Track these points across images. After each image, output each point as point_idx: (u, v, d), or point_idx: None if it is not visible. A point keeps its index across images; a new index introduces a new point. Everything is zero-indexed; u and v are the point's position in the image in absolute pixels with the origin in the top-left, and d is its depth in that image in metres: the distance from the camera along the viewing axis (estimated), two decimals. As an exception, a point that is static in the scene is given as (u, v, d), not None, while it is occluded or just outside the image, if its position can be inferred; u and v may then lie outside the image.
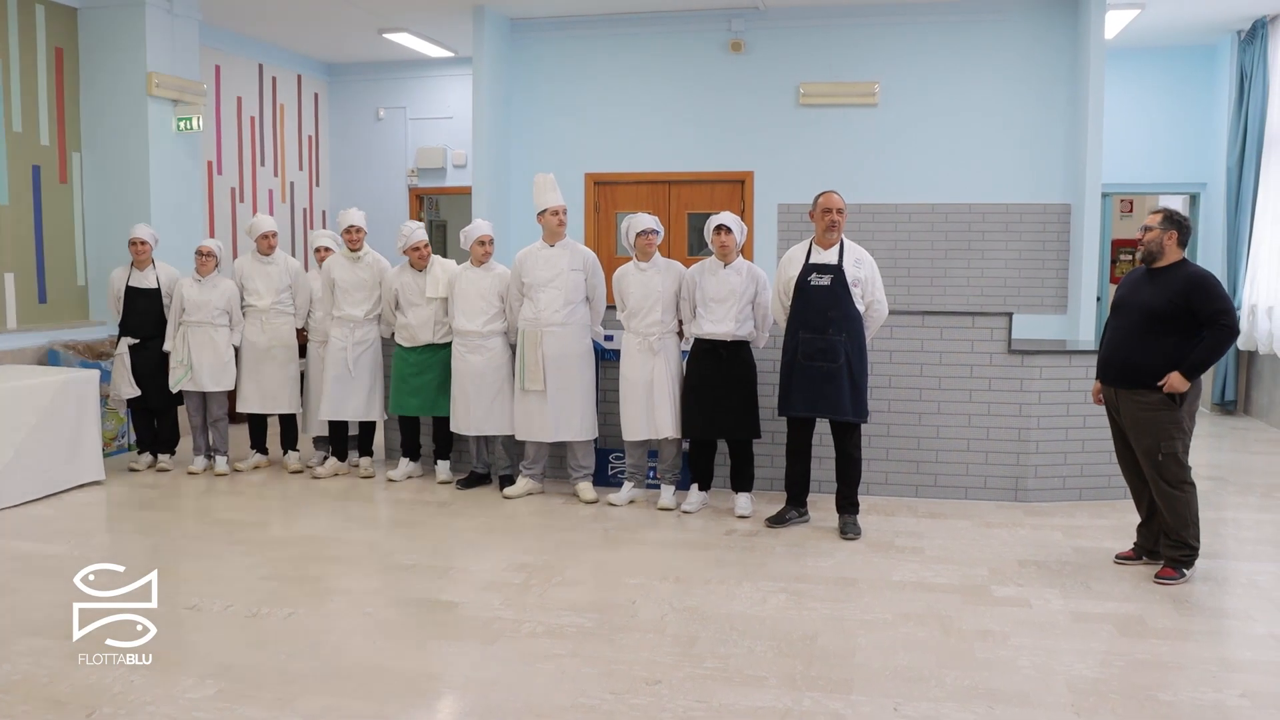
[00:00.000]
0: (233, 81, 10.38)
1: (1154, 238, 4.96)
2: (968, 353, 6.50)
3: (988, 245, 9.15)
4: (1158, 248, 4.95)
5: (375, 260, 7.18)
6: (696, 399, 6.16)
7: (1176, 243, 4.94)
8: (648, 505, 6.44)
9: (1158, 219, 4.98)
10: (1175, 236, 4.93)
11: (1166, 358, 4.85)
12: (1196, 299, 4.80)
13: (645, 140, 9.67)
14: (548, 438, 6.51)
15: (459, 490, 6.88)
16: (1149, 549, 5.19)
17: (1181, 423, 4.91)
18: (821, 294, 5.76)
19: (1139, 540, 5.25)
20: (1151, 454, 4.92)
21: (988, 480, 6.53)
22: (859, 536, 5.73)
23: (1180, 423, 4.90)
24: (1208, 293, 4.82)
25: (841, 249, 5.81)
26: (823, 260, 5.81)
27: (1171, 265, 4.95)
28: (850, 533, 5.75)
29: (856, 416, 5.76)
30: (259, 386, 7.32)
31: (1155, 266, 4.99)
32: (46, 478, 6.57)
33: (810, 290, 5.78)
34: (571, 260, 6.48)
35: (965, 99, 9.16)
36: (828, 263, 5.79)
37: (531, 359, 6.43)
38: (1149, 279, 5.00)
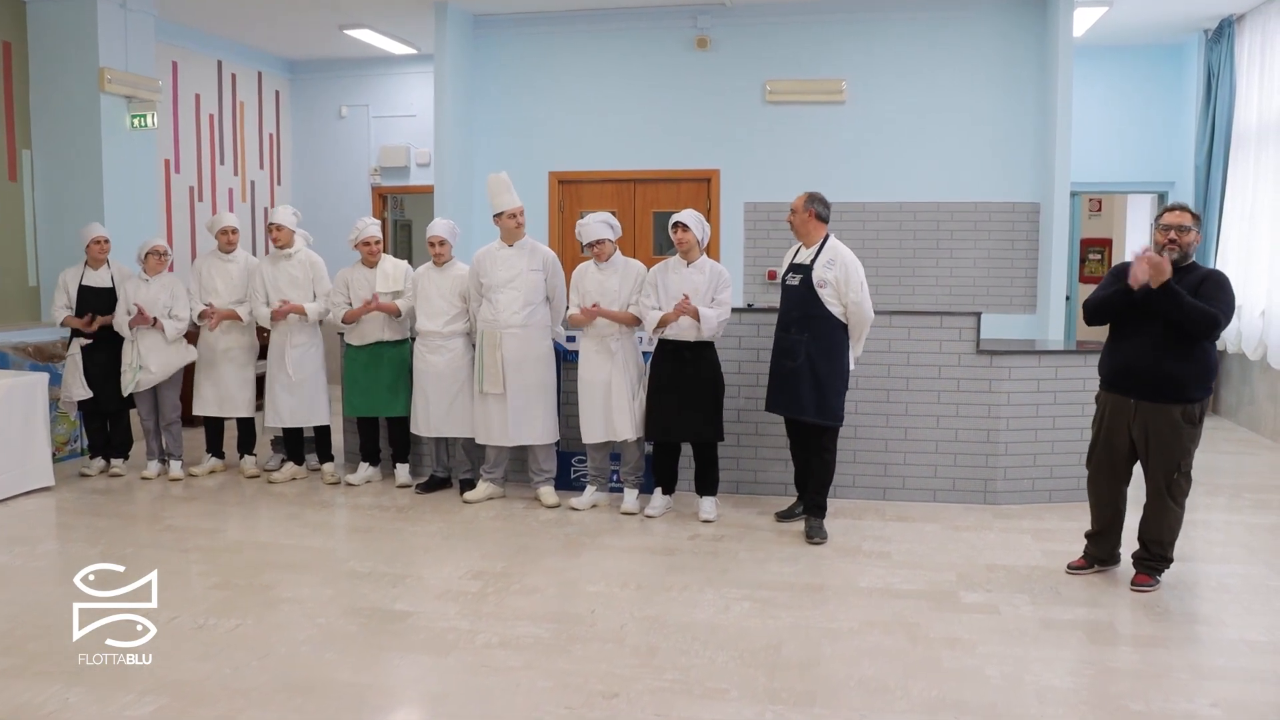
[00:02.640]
0: (191, 78, 10.17)
1: (1192, 240, 4.68)
2: (936, 353, 6.41)
3: (956, 244, 9.08)
4: (1192, 252, 4.72)
5: (307, 258, 7.03)
6: (659, 401, 6.04)
7: None
8: (610, 509, 6.31)
9: (1191, 219, 4.70)
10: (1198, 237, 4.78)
11: (1195, 371, 4.65)
12: (1207, 290, 4.58)
13: (610, 138, 9.54)
14: (507, 441, 6.37)
15: (418, 495, 6.72)
16: (1101, 558, 5.08)
17: (1197, 439, 4.77)
18: (790, 294, 5.75)
19: (1091, 549, 5.11)
20: (1169, 472, 4.73)
21: (956, 483, 6.44)
22: (825, 541, 5.63)
23: (1197, 438, 4.77)
24: (1220, 287, 4.61)
25: (820, 249, 5.73)
26: (799, 260, 5.80)
27: (1189, 267, 4.70)
28: (815, 537, 5.65)
29: (818, 417, 5.64)
30: (216, 389, 7.13)
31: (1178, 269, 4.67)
32: (-9, 484, 6.37)
33: (784, 289, 5.82)
34: (531, 261, 6.35)
35: (933, 96, 9.09)
36: (802, 262, 5.76)
37: (490, 361, 6.30)
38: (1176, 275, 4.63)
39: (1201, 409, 4.74)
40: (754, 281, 9.31)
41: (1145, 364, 4.70)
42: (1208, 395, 4.76)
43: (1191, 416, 4.69)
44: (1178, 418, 4.68)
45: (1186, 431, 4.71)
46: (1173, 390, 4.68)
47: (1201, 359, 4.66)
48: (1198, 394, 4.69)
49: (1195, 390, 4.68)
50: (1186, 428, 4.70)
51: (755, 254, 9.30)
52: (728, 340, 6.34)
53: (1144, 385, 4.72)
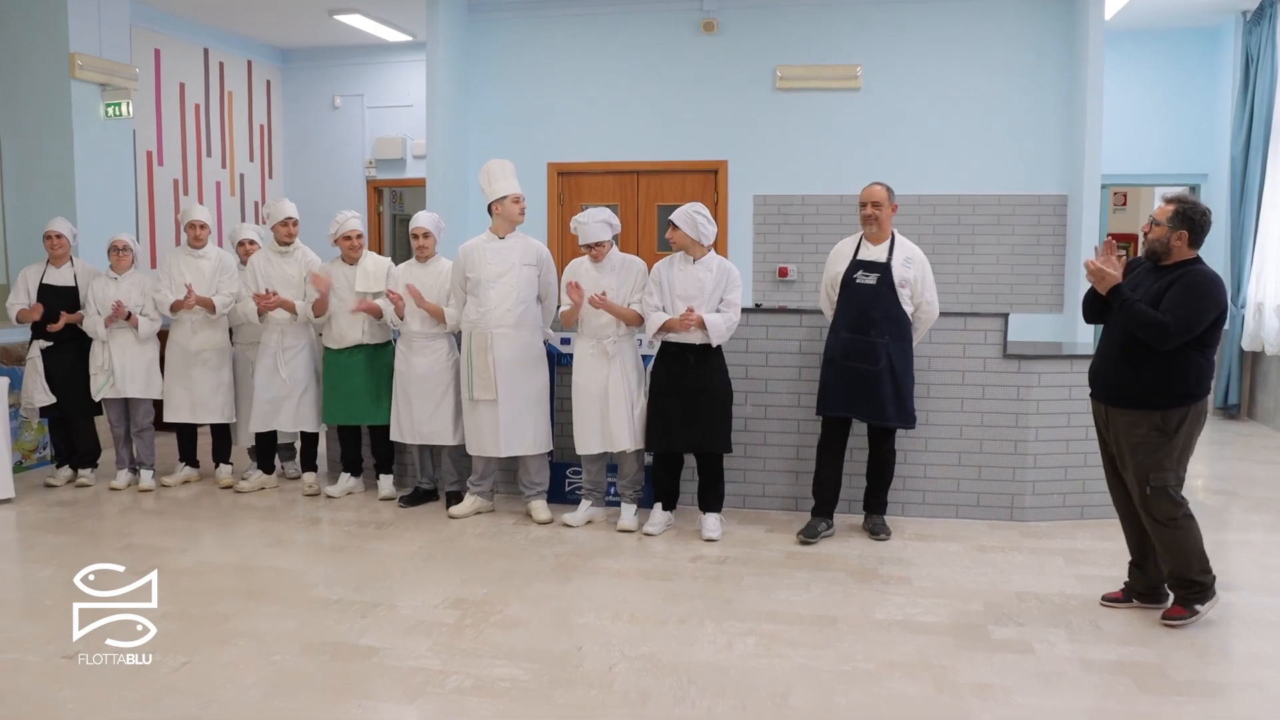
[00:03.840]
0: (174, 67, 9.74)
1: (1159, 236, 4.21)
2: (959, 357, 5.93)
3: (978, 239, 8.60)
4: (1163, 248, 4.22)
5: (304, 255, 6.60)
6: (661, 409, 5.58)
7: (1187, 243, 4.19)
8: (607, 526, 5.85)
9: (1168, 213, 4.19)
10: (1185, 237, 4.17)
11: (1159, 376, 4.17)
12: (1172, 293, 4.10)
13: (612, 128, 9.10)
14: (498, 452, 5.91)
15: (402, 508, 6.28)
16: (1140, 592, 4.54)
17: (1174, 452, 4.21)
18: (866, 293, 5.37)
19: (1130, 581, 4.59)
20: (1140, 486, 4.26)
21: (980, 498, 5.96)
22: (889, 536, 5.59)
23: (1173, 452, 4.21)
24: (1188, 291, 4.09)
25: (892, 245, 5.42)
26: (870, 257, 5.43)
27: (1176, 264, 4.23)
28: (881, 533, 5.59)
29: (899, 422, 5.46)
30: (188, 394, 6.69)
31: (1161, 264, 4.28)
32: (-58, 498, 5.96)
33: (855, 288, 5.41)
34: (524, 254, 5.89)
35: (954, 82, 8.61)
36: (875, 260, 5.40)
37: (480, 365, 5.84)
38: (1153, 276, 4.28)
39: (1181, 418, 4.18)
40: (764, 279, 8.84)
41: (1107, 367, 4.37)
42: (1184, 404, 4.17)
43: (1164, 426, 4.18)
44: (1147, 427, 4.21)
45: (1157, 442, 4.20)
46: (1133, 396, 4.25)
47: (1172, 365, 4.15)
48: (1167, 401, 4.17)
49: (1162, 398, 4.18)
50: (1156, 437, 4.20)
51: (765, 250, 8.83)
52: (734, 343, 5.87)
53: (1107, 389, 4.38)
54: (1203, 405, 4.25)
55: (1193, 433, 4.24)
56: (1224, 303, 4.19)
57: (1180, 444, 4.21)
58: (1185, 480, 4.31)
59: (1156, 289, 4.20)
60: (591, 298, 5.56)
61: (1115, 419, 4.36)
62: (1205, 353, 4.20)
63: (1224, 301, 4.19)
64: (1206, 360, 4.21)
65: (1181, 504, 4.26)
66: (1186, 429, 4.21)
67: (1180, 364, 4.16)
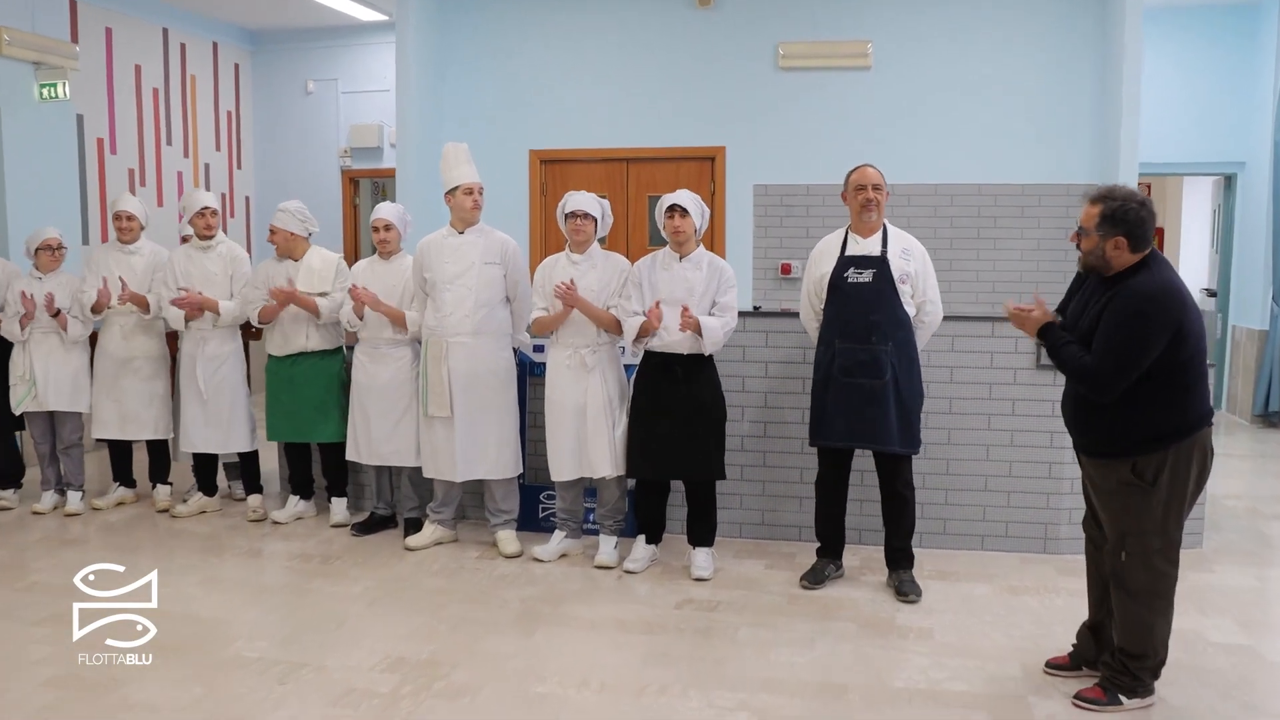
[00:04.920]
0: (129, 48, 9.01)
1: (1091, 248, 3.38)
2: (985, 368, 5.21)
3: (1001, 233, 7.87)
4: (1100, 261, 3.37)
5: (229, 250, 5.92)
6: (645, 429, 4.86)
7: (1128, 249, 3.32)
8: (583, 560, 5.14)
9: (1094, 218, 3.35)
10: (1124, 243, 3.31)
11: (1122, 416, 3.36)
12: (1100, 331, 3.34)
13: (599, 112, 8.38)
14: (455, 476, 5.21)
15: (355, 537, 5.58)
16: (1090, 660, 3.73)
17: (1156, 509, 3.36)
18: (862, 293, 4.54)
19: (1079, 646, 3.80)
20: (1114, 546, 3.47)
21: (1010, 527, 5.24)
22: (920, 598, 4.58)
23: (1154, 509, 3.36)
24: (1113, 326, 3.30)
25: (885, 237, 4.61)
26: (862, 251, 4.60)
27: (1126, 273, 3.35)
28: (910, 594, 4.59)
29: (905, 447, 4.58)
30: (118, 407, 6.00)
31: (1107, 276, 3.41)
32: None
33: (848, 289, 4.57)
34: (486, 250, 5.17)
35: (974, 60, 7.90)
36: (869, 254, 4.58)
37: (435, 377, 5.14)
38: (1104, 290, 3.40)
39: (1158, 466, 3.34)
40: (765, 277, 8.12)
41: (1066, 406, 3.64)
42: (1160, 447, 3.34)
43: (1138, 476, 3.36)
44: (1116, 479, 3.43)
45: (1131, 496, 3.39)
46: (1096, 441, 3.49)
47: (1137, 401, 3.34)
48: (1135, 447, 3.36)
49: (1129, 443, 3.37)
50: (1130, 492, 3.39)
51: (767, 244, 8.11)
52: (729, 351, 5.16)
53: (1072, 430, 3.63)
54: (1192, 446, 3.36)
55: (1183, 481, 3.37)
56: (1174, 317, 3.27)
57: (1164, 497, 3.36)
58: (1180, 541, 3.45)
59: (1099, 309, 3.40)
60: (558, 286, 4.84)
61: (1085, 465, 3.60)
62: (1179, 381, 3.34)
63: (1173, 315, 3.27)
64: (1185, 390, 3.36)
65: (1165, 575, 3.41)
66: (1171, 478, 3.35)
67: (1148, 399, 3.34)
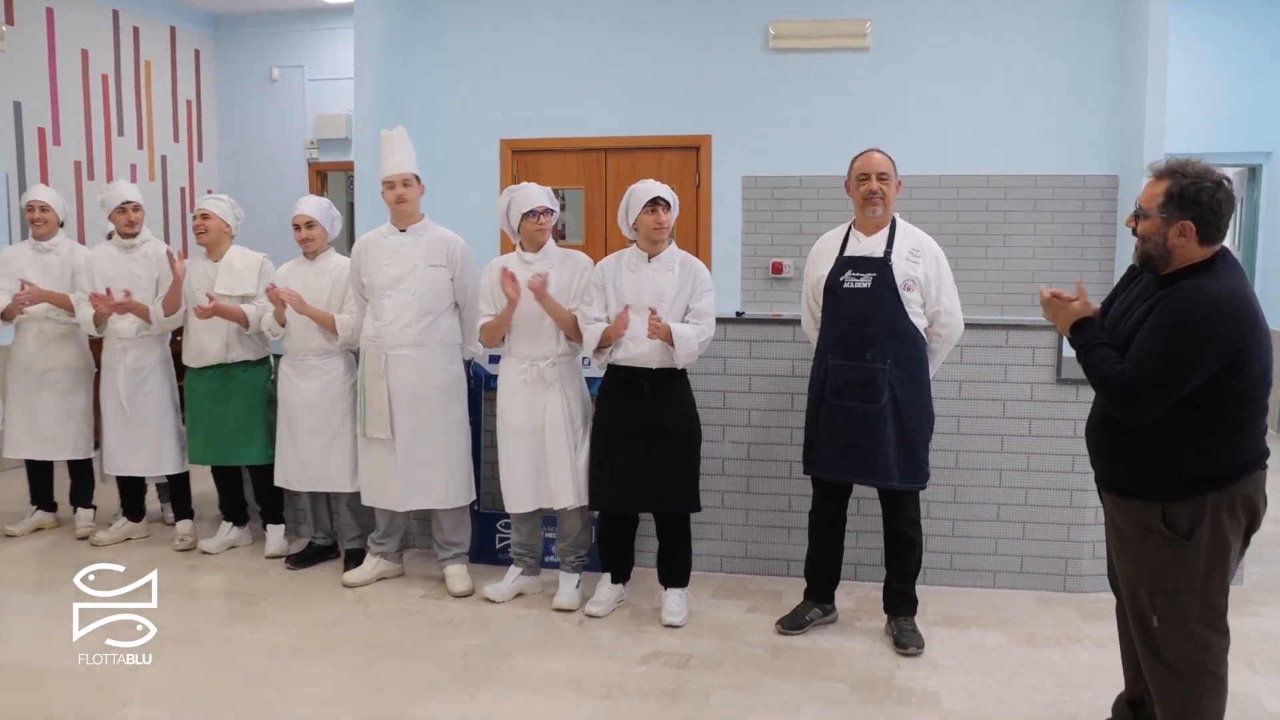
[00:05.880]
0: (73, 30, 8.39)
1: (1151, 232, 2.74)
2: (999, 382, 4.60)
3: (1011, 229, 7.26)
4: (1160, 250, 2.73)
5: (155, 249, 5.34)
6: (608, 454, 4.26)
7: (1195, 238, 2.68)
8: (542, 601, 4.54)
9: (1157, 196, 2.72)
10: (1191, 229, 2.67)
11: (1154, 449, 2.74)
12: (1142, 335, 2.71)
13: (575, 99, 7.79)
14: (396, 505, 4.61)
15: (290, 570, 4.98)
16: None
17: (1191, 566, 2.71)
18: (858, 300, 3.92)
19: None
20: (1137, 607, 2.83)
21: (1025, 562, 4.64)
22: (922, 650, 3.97)
23: (1188, 565, 2.71)
24: (1159, 332, 2.67)
25: (892, 235, 3.98)
26: (863, 251, 3.98)
27: (1186, 272, 2.72)
28: (911, 646, 3.98)
29: (907, 482, 3.96)
30: (33, 423, 5.42)
31: (1162, 274, 2.78)
32: None
33: (843, 295, 3.96)
34: (429, 251, 4.56)
35: (982, 41, 7.29)
36: (869, 255, 3.96)
37: (374, 394, 4.55)
38: (1154, 291, 2.78)
39: (1193, 516, 2.69)
40: (754, 276, 7.51)
41: (1094, 424, 2.97)
42: (1196, 493, 2.69)
43: (1169, 527, 2.72)
44: (1140, 526, 2.79)
45: (1160, 549, 2.75)
46: (1120, 479, 2.85)
47: (1175, 432, 2.70)
48: (1166, 490, 2.72)
49: (1159, 484, 2.73)
50: (1159, 544, 2.75)
51: (756, 241, 7.50)
52: (708, 362, 4.59)
53: (1094, 457, 2.99)
54: (1237, 495, 2.71)
55: (1225, 537, 2.71)
56: (1236, 335, 2.61)
57: (1203, 554, 2.71)
58: (1226, 605, 2.77)
59: (1144, 313, 2.77)
60: (531, 280, 4.23)
61: (1111, 506, 2.95)
62: (1230, 416, 2.70)
63: (1236, 333, 2.62)
64: (1236, 428, 2.71)
65: (1210, 646, 2.75)
66: (1211, 532, 2.70)
67: (1189, 432, 2.70)
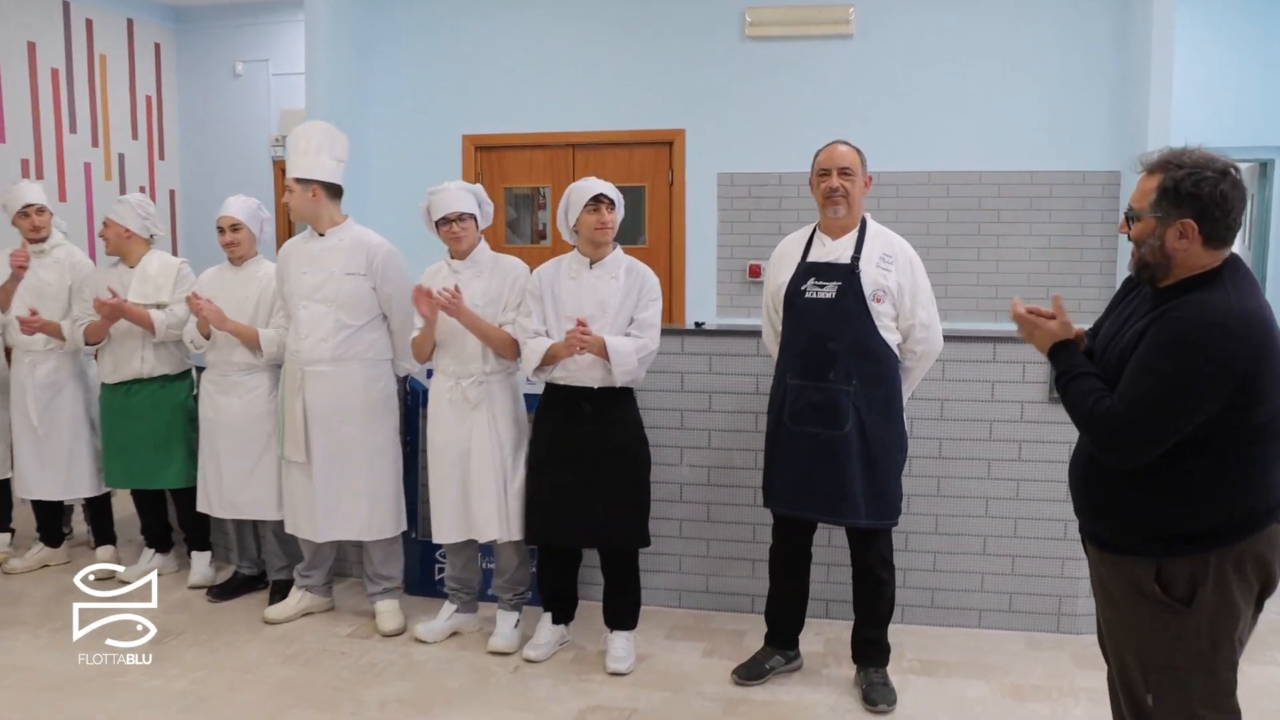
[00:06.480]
0: (17, 22, 7.99)
1: (1145, 235, 2.27)
2: (985, 400, 4.15)
3: (1005, 229, 6.78)
4: (1158, 256, 2.26)
5: (69, 255, 4.92)
6: (545, 483, 3.83)
7: (1199, 240, 2.21)
8: (478, 641, 4.12)
9: (1149, 194, 2.26)
10: (1193, 229, 2.20)
11: (1149, 494, 2.25)
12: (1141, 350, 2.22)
13: (542, 92, 7.33)
14: (312, 535, 4.19)
15: (211, 602, 4.56)
16: None
17: (1192, 638, 2.23)
18: (821, 313, 3.47)
19: None
20: (1130, 686, 2.36)
21: (1014, 600, 4.19)
22: (893, 707, 3.54)
23: (1187, 636, 2.24)
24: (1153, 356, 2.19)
25: (861, 238, 3.54)
26: (828, 257, 3.53)
27: (1189, 284, 2.24)
28: (882, 703, 3.54)
29: (875, 518, 3.49)
30: (-62, 442, 5.01)
31: (1161, 286, 2.31)
32: None
33: (803, 306, 3.51)
34: (349, 259, 4.14)
35: (974, 27, 6.81)
36: (835, 261, 3.51)
37: (291, 412, 4.13)
38: (1149, 308, 2.31)
39: (1192, 577, 2.22)
40: (730, 280, 7.05)
41: (1077, 465, 2.48)
42: (1199, 549, 2.22)
43: (1163, 589, 2.25)
44: (1142, 582, 2.28)
45: (1162, 613, 2.26)
46: (1112, 527, 2.35)
47: (1175, 474, 2.22)
48: (1160, 545, 2.25)
49: (1152, 539, 2.26)
50: (1153, 610, 2.27)
51: (733, 242, 7.04)
52: (664, 379, 4.18)
53: (1077, 504, 2.49)
54: (1249, 551, 2.22)
55: (1233, 603, 2.23)
56: (1249, 356, 2.14)
57: (1206, 623, 2.23)
58: (1235, 681, 2.30)
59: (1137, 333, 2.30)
60: (440, 296, 3.79)
61: (1093, 559, 2.48)
62: (1245, 455, 2.22)
63: (1248, 354, 2.14)
64: (1250, 469, 2.23)
65: None
66: (1217, 596, 2.22)
67: (1192, 475, 2.23)
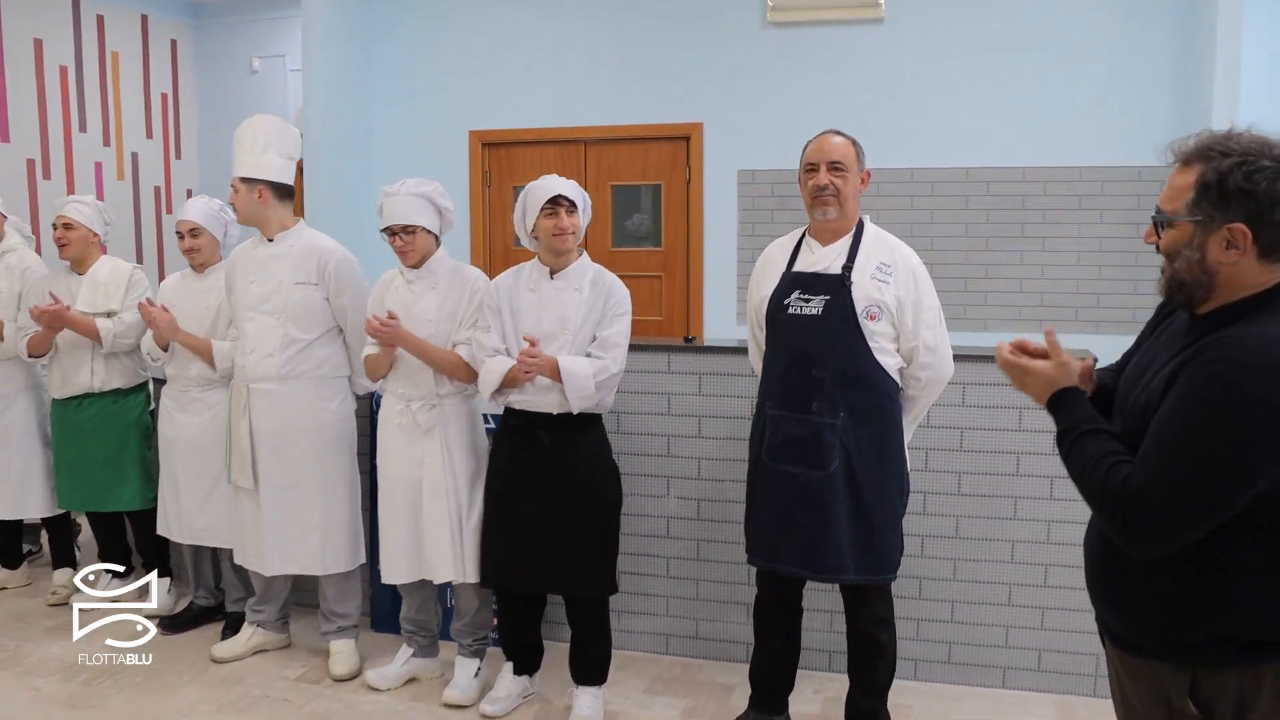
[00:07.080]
0: (25, 18, 7.80)
1: (1177, 245, 1.80)
2: (1012, 430, 3.64)
3: (1050, 230, 6.20)
4: (1194, 273, 1.78)
5: (21, 260, 4.65)
6: (502, 520, 3.40)
7: (1253, 251, 1.73)
8: (435, 689, 3.72)
9: (1183, 192, 1.76)
10: (1245, 235, 1.71)
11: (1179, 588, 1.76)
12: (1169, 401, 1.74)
13: (552, 86, 6.93)
14: (260, 568, 3.82)
15: (164, 635, 4.21)
16: None
17: None
18: (805, 332, 2.97)
19: None
20: None
21: (1044, 657, 3.68)
22: None
23: None
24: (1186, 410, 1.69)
25: (855, 245, 3.04)
26: (816, 266, 3.04)
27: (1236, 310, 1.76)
28: None
29: (865, 573, 2.98)
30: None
31: (1200, 313, 1.82)
32: None
33: (785, 324, 3.02)
34: (298, 265, 3.75)
35: (1015, 10, 6.26)
36: (823, 271, 3.02)
37: (237, 434, 3.77)
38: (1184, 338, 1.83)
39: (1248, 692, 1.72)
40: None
41: (1091, 553, 1.98)
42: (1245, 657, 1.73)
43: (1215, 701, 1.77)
44: (1173, 696, 1.81)
45: None
46: (1130, 629, 1.86)
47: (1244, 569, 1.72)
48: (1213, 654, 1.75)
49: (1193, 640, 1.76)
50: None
51: (754, 244, 6.53)
52: (648, 401, 3.73)
53: (1093, 592, 1.98)
54: None
55: None
56: None
57: None
58: None
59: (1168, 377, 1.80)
60: (372, 323, 3.40)
61: (1113, 661, 2.00)
62: None
63: None
64: None
65: None
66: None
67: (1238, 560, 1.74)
